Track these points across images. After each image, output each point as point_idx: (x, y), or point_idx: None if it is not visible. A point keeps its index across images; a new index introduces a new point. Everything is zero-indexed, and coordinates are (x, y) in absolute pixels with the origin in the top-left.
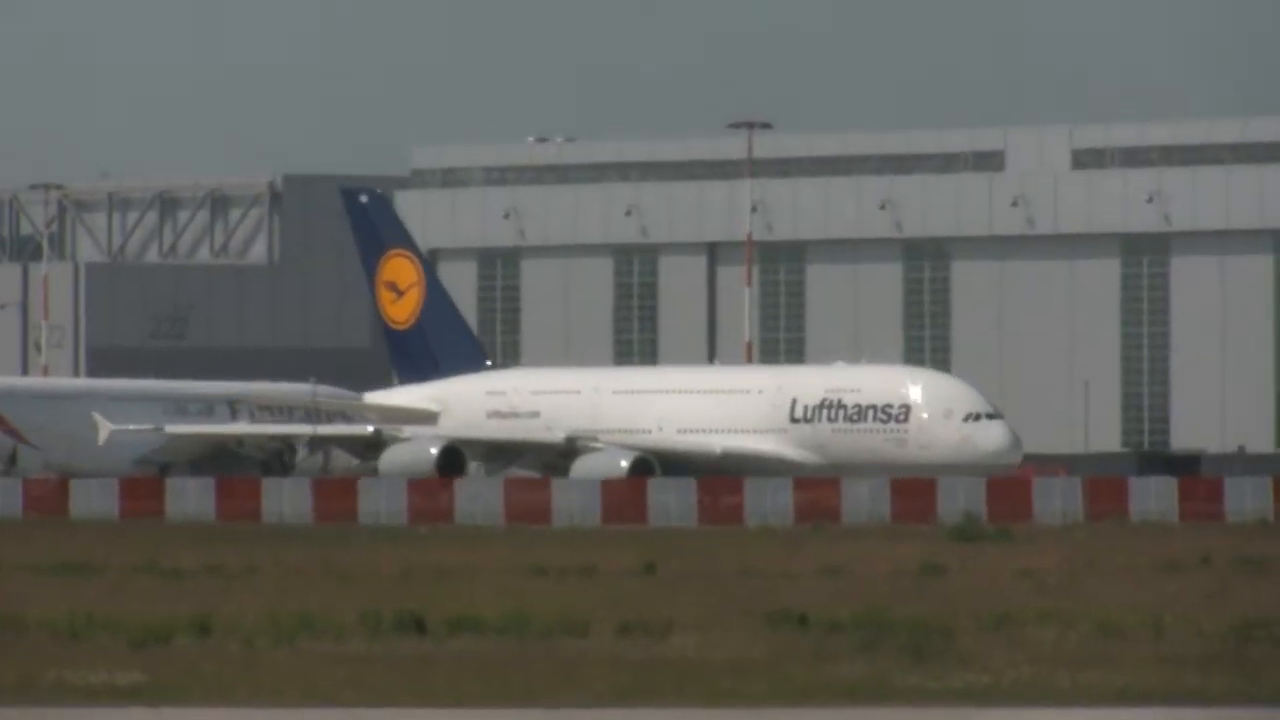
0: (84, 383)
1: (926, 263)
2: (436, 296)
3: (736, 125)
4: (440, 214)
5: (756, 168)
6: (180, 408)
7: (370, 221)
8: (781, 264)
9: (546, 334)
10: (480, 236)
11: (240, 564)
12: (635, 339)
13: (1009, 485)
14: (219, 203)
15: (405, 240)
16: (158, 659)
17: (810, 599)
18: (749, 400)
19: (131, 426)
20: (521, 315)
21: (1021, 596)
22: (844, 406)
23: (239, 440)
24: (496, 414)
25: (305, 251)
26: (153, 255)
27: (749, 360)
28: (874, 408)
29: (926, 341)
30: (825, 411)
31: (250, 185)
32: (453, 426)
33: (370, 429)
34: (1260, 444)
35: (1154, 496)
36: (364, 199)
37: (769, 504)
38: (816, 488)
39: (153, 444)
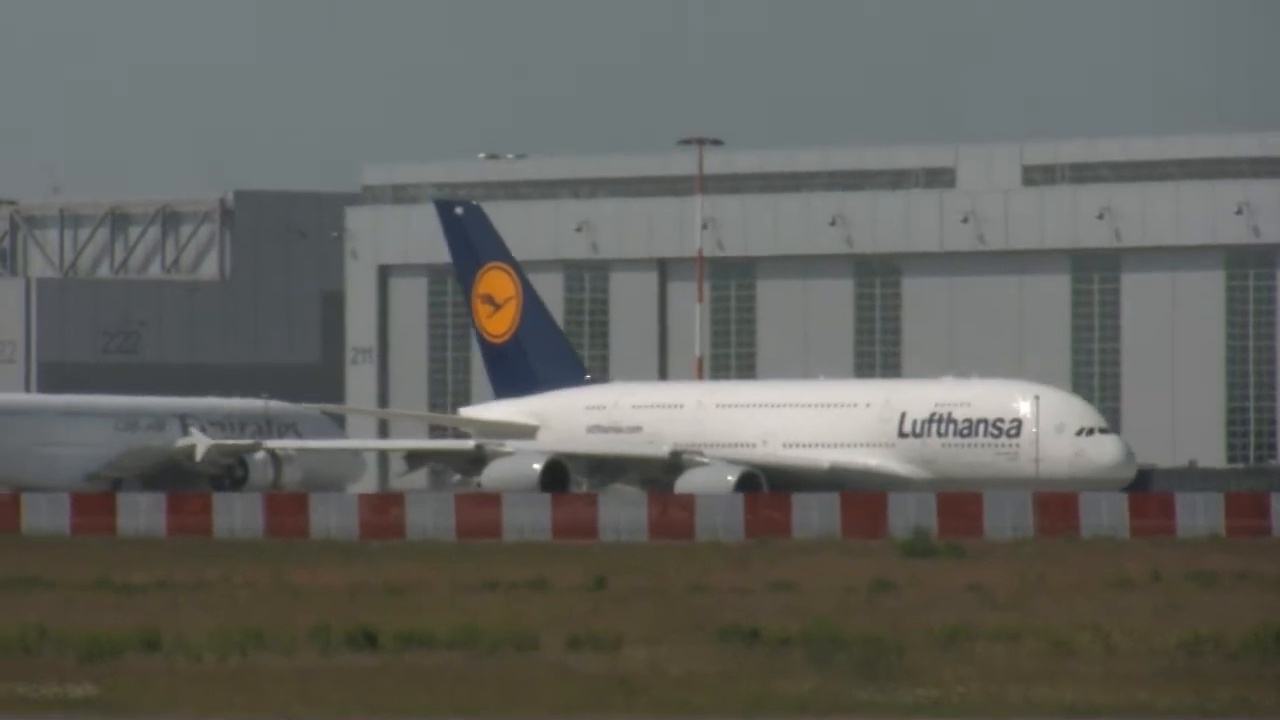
0: (35, 398)
1: (877, 279)
2: (533, 309)
3: (687, 141)
4: (391, 230)
5: (708, 184)
6: (131, 423)
7: (465, 234)
8: (733, 280)
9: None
10: (431, 253)
11: (191, 579)
12: (586, 355)
13: (960, 500)
14: (170, 219)
15: (502, 253)
16: (109, 673)
17: (761, 614)
18: (856, 414)
19: (229, 442)
20: (474, 335)
21: (972, 612)
22: (954, 421)
23: (190, 455)
24: (597, 428)
25: (256, 267)
26: (104, 271)
27: (700, 376)
28: (985, 422)
29: (877, 357)
30: (935, 426)
31: (201, 202)
32: (553, 441)
33: (473, 444)
34: (1210, 459)
35: (1105, 512)
36: (459, 211)
37: (720, 519)
38: (769, 504)
39: (105, 459)
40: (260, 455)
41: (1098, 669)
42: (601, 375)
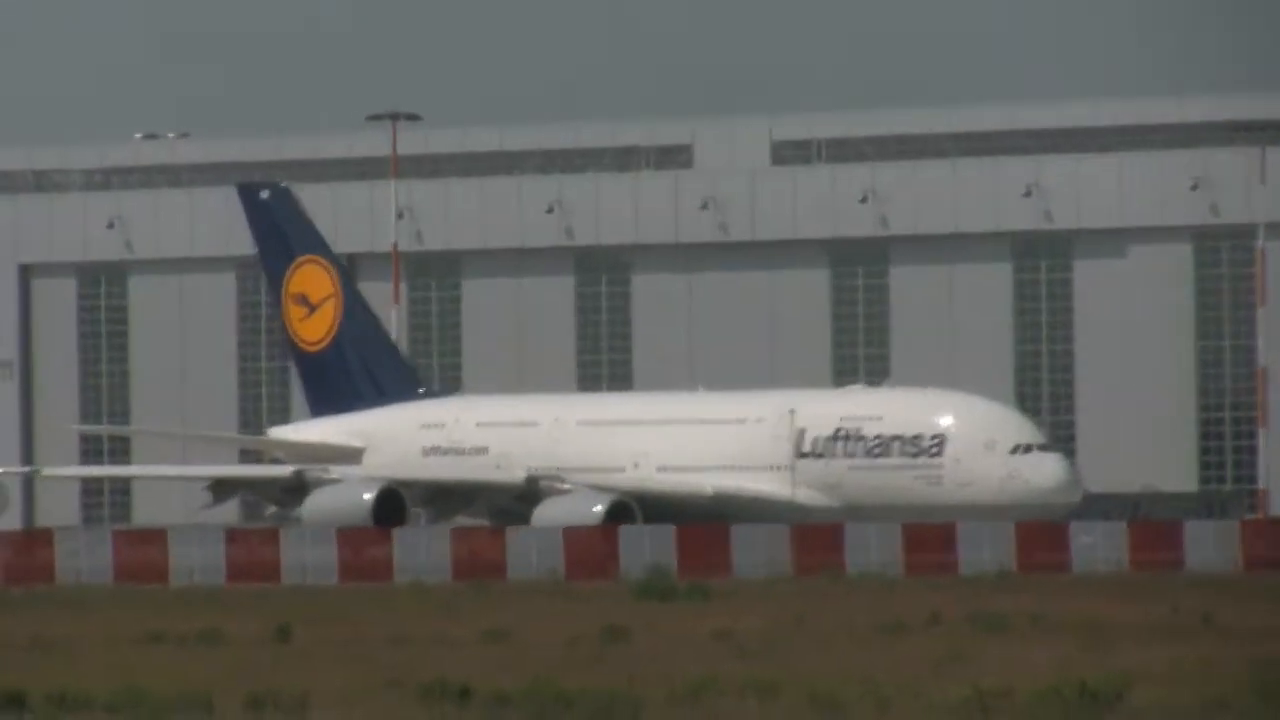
0: None
1: (603, 275)
2: (356, 310)
3: (378, 117)
4: (34, 225)
5: (402, 167)
6: None
7: (273, 222)
8: (434, 278)
9: (161, 356)
10: (82, 250)
11: None
12: (263, 364)
13: (703, 533)
14: None
15: (318, 244)
16: None
17: (473, 668)
18: (746, 431)
19: (18, 469)
20: (130, 336)
21: (720, 663)
22: (863, 438)
23: None
24: (435, 450)
25: None
26: None
27: None
28: (900, 439)
29: (604, 366)
30: (841, 444)
31: None
32: (381, 465)
33: (290, 470)
34: None
35: (875, 546)
36: (265, 195)
37: (423, 559)
38: (474, 538)
39: None
40: None
41: None
42: (275, 387)
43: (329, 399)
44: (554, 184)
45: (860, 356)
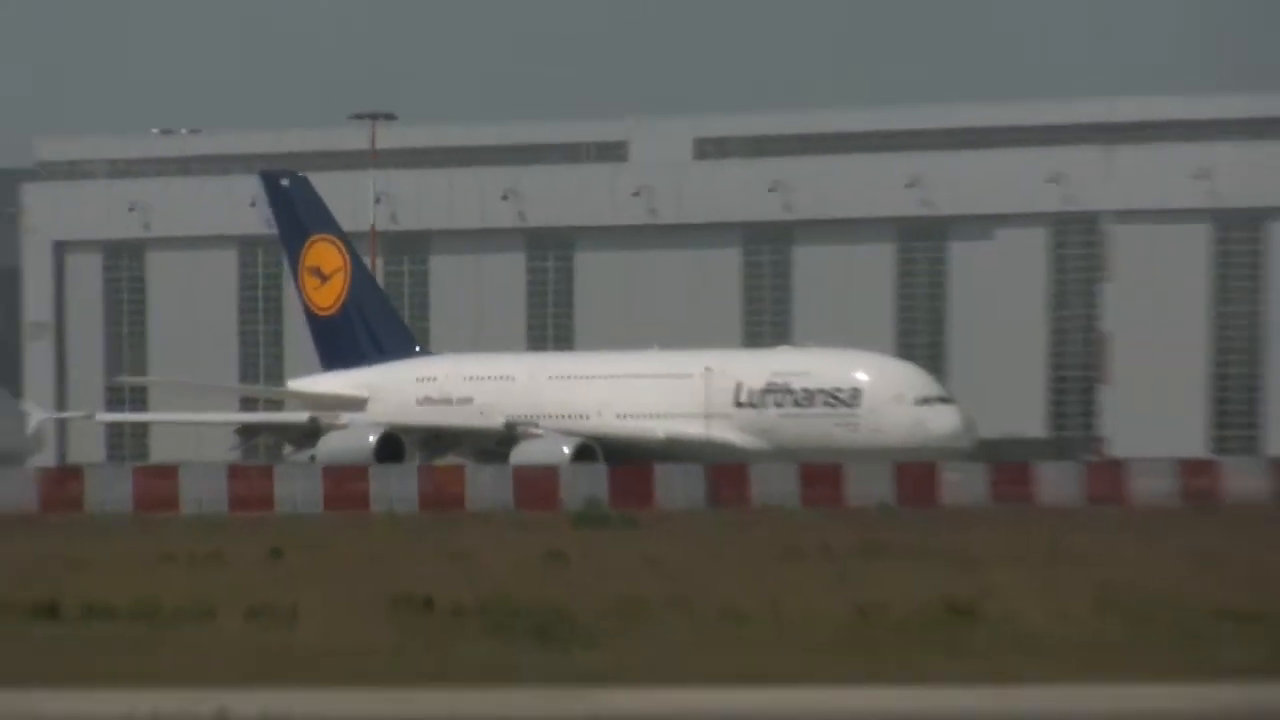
0: None
1: (550, 253)
2: (362, 281)
3: (360, 116)
4: (67, 207)
5: (382, 158)
6: None
7: (291, 205)
8: (406, 254)
9: (173, 320)
10: (107, 229)
11: None
12: (260, 330)
13: (632, 471)
14: None
15: (330, 224)
16: None
17: (436, 584)
18: (691, 385)
19: (70, 414)
20: (147, 307)
21: (644, 581)
22: (791, 391)
23: None
24: (428, 400)
25: None
26: None
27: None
28: (823, 392)
29: (550, 329)
30: (772, 396)
31: None
32: (383, 413)
33: (306, 417)
34: None
35: (776, 482)
36: (285, 182)
37: (395, 490)
38: (445, 477)
39: None
40: None
41: (766, 637)
42: (274, 351)
43: (338, 356)
44: (509, 174)
45: (766, 322)
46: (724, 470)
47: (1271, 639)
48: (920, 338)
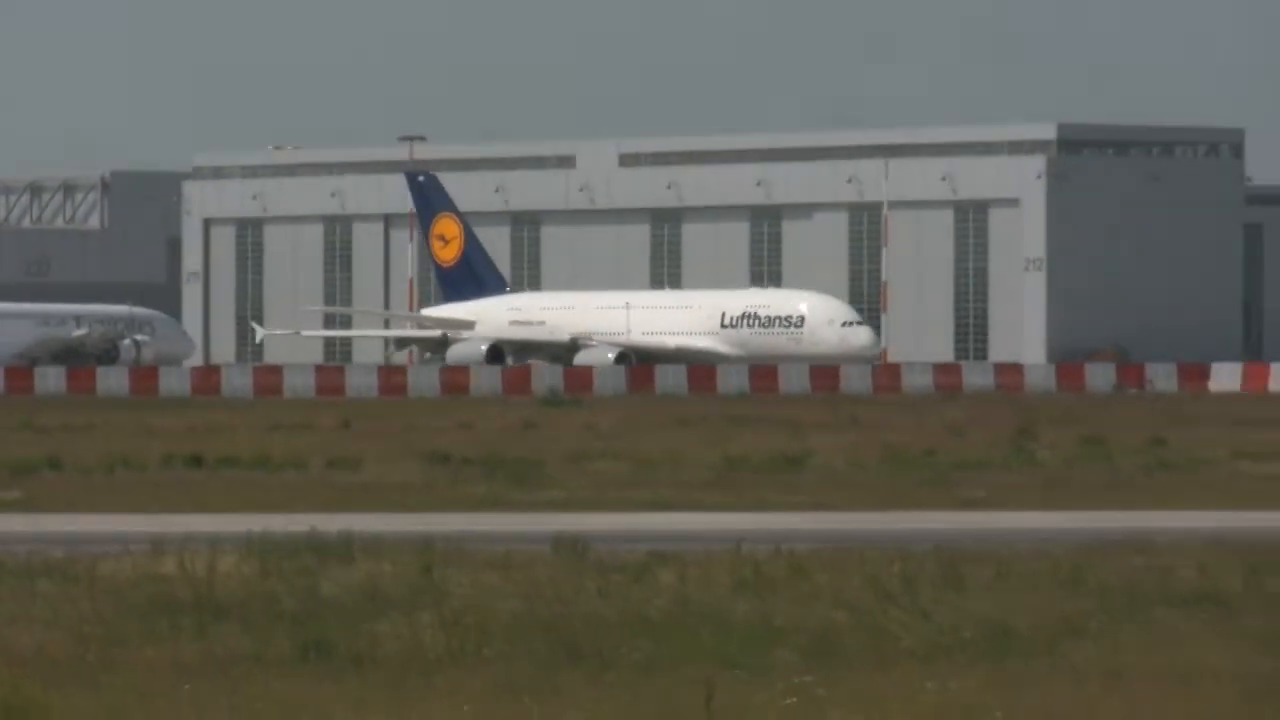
0: None
1: (525, 227)
2: (472, 243)
3: (406, 139)
4: (211, 197)
5: (416, 167)
6: (44, 321)
7: (425, 194)
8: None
9: (280, 277)
10: (239, 210)
11: (83, 423)
12: (337, 282)
13: (578, 372)
14: (69, 189)
15: (450, 206)
16: (29, 484)
17: (450, 443)
18: (691, 313)
19: (277, 331)
20: (265, 263)
21: (587, 443)
22: (759, 317)
23: (82, 341)
24: (517, 322)
25: (125, 221)
26: (26, 223)
27: (411, 297)
28: (779, 318)
29: (524, 279)
30: (745, 320)
31: (89, 177)
32: (489, 331)
33: (440, 332)
34: None
35: (734, 379)
36: (421, 179)
37: (424, 382)
38: (449, 372)
39: (26, 345)
40: (127, 341)
41: (670, 478)
42: (346, 299)
43: (456, 292)
44: (499, 176)
45: (665, 279)
46: (700, 370)
47: (996, 482)
48: (765, 285)
